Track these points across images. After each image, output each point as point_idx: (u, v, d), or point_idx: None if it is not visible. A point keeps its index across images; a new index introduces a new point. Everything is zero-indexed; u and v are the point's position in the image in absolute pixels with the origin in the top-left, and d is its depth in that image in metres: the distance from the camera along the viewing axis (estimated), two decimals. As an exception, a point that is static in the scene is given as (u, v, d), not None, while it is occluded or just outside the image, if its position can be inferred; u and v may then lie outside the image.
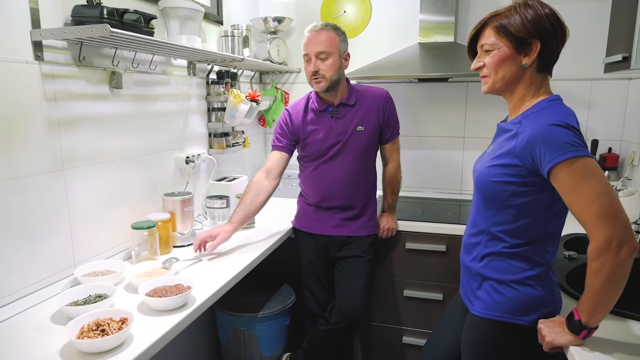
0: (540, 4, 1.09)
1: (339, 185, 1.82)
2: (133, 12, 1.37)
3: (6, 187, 1.18)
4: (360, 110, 1.81)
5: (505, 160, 1.08)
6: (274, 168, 1.83)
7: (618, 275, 0.94)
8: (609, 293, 0.95)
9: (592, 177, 0.96)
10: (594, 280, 0.96)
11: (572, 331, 1.01)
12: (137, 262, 1.53)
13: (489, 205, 1.15)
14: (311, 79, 1.74)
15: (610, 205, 0.94)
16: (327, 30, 1.71)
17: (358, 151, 1.80)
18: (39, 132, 1.27)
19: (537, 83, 1.12)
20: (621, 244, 0.92)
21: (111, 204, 1.56)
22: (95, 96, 1.47)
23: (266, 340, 1.99)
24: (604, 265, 0.93)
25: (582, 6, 2.21)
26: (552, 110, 1.05)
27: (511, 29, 1.08)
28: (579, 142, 0.98)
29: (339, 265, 1.88)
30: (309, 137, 1.82)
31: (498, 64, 1.11)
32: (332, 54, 1.70)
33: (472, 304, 1.20)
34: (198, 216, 2.07)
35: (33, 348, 1.04)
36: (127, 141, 1.63)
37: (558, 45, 1.10)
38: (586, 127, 2.29)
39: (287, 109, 1.89)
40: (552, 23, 1.07)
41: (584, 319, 0.99)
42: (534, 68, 1.11)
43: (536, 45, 1.08)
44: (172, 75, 1.88)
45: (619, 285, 0.95)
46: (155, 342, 1.07)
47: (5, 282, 1.19)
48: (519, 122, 1.09)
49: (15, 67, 1.19)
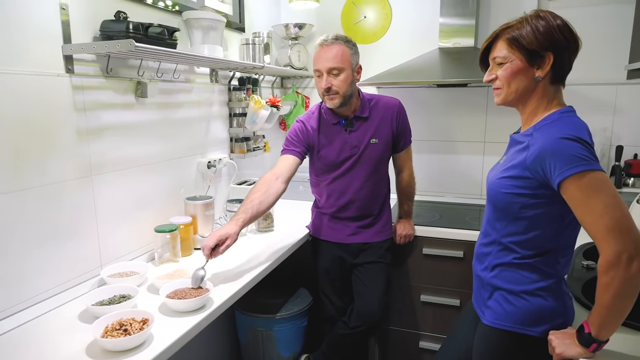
0: (552, 16, 1.09)
1: (355, 198, 1.83)
2: (157, 26, 1.44)
3: (39, 193, 1.26)
4: (374, 122, 1.80)
5: (517, 172, 1.09)
6: (285, 172, 1.72)
7: (628, 289, 0.94)
8: (619, 307, 0.95)
9: (602, 191, 0.96)
10: (604, 294, 0.96)
11: (582, 344, 1.01)
12: (160, 264, 1.60)
13: (500, 216, 1.16)
14: (324, 95, 1.71)
15: (620, 219, 0.94)
16: (338, 44, 1.67)
17: (372, 163, 1.80)
18: (69, 141, 1.34)
19: (550, 95, 1.12)
20: (631, 259, 0.92)
21: (136, 207, 1.63)
22: (121, 105, 1.54)
23: (284, 341, 2.03)
24: (614, 279, 0.93)
25: (606, 9, 2.17)
26: (563, 123, 1.05)
27: (523, 42, 1.08)
28: (589, 155, 0.98)
29: (357, 271, 1.90)
30: (322, 149, 1.81)
31: (511, 77, 1.12)
32: (344, 69, 1.67)
33: (483, 313, 1.21)
34: (219, 219, 2.13)
35: (61, 345, 1.11)
36: (151, 147, 1.70)
37: (571, 56, 1.10)
38: (611, 132, 2.25)
39: (300, 119, 1.85)
40: (564, 35, 1.07)
41: (594, 332, 0.99)
42: (547, 80, 1.11)
43: (549, 58, 1.08)
44: (195, 83, 1.95)
45: (630, 300, 0.95)
46: (174, 342, 1.13)
47: (38, 282, 1.27)
48: (530, 135, 1.10)
49: (48, 81, 1.27)
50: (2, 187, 1.16)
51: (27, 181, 1.22)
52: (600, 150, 2.23)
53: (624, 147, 2.17)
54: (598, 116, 2.26)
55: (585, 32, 2.20)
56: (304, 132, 1.81)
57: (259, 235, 1.98)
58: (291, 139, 1.81)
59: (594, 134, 2.17)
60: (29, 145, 1.22)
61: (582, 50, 1.07)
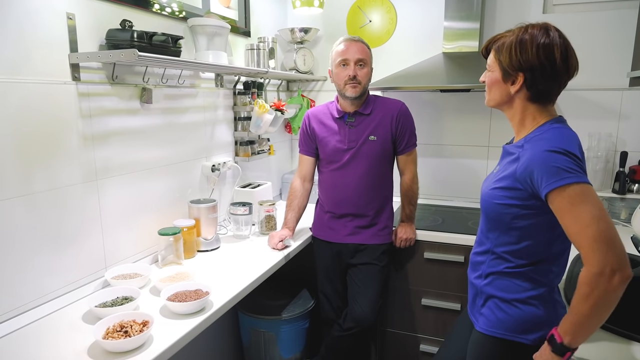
0: (538, 33, 1.06)
1: (351, 192, 1.89)
2: (161, 35, 1.47)
3: (46, 197, 1.30)
4: (374, 119, 1.87)
5: (508, 184, 1.10)
6: (308, 172, 2.01)
7: (608, 301, 0.95)
8: (596, 318, 0.96)
9: (588, 203, 0.96)
10: (583, 304, 0.96)
11: (556, 354, 1.02)
12: (163, 266, 1.64)
13: (493, 226, 1.17)
14: (347, 83, 1.81)
15: (605, 230, 0.95)
16: (362, 43, 1.85)
17: (370, 160, 1.86)
18: (75, 146, 1.39)
19: (533, 111, 1.12)
20: (614, 272, 0.93)
21: (140, 210, 1.67)
22: (126, 111, 1.58)
23: (285, 343, 2.06)
24: (595, 290, 0.94)
25: (611, 14, 2.15)
26: (551, 135, 1.06)
27: (500, 56, 1.11)
28: (576, 167, 0.99)
29: (352, 272, 1.94)
30: (323, 140, 1.92)
31: (490, 85, 1.17)
32: (367, 63, 1.84)
33: (477, 320, 1.23)
34: (223, 221, 2.17)
35: (65, 345, 1.15)
36: (156, 152, 1.74)
37: (547, 80, 1.07)
38: (616, 138, 2.23)
39: (307, 113, 2.01)
40: (540, 57, 1.05)
41: (567, 340, 1.00)
42: (524, 97, 1.11)
43: (520, 77, 1.09)
44: (200, 88, 1.99)
45: (607, 312, 0.96)
46: (173, 344, 1.16)
47: (44, 283, 1.31)
48: (521, 146, 1.11)
49: (55, 88, 1.31)
50: (10, 192, 1.20)
51: (34, 186, 1.26)
52: (605, 156, 2.22)
53: (629, 153, 2.15)
54: (603, 122, 2.25)
55: (591, 37, 2.23)
56: (307, 129, 1.98)
57: (262, 238, 2.01)
58: (302, 138, 2.01)
59: (599, 139, 2.20)
60: (36, 151, 1.26)
61: (587, 56, 1.07)
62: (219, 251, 1.86)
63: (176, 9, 1.78)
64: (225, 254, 1.83)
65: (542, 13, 2.30)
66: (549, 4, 2.31)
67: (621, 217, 2.11)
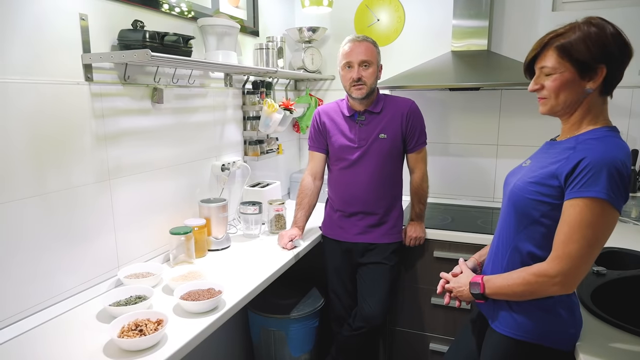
0: (604, 23, 1.04)
1: (360, 190, 1.89)
2: (172, 35, 1.48)
3: (60, 196, 1.31)
4: (385, 118, 1.87)
5: (547, 181, 1.07)
6: (319, 169, 2.01)
7: (535, 295, 1.09)
8: (517, 297, 1.12)
9: (596, 227, 0.99)
10: (519, 285, 1.09)
11: (473, 295, 1.20)
12: (175, 265, 1.65)
13: (518, 220, 1.14)
14: (352, 85, 1.81)
15: (585, 256, 1.00)
16: (367, 42, 1.82)
17: (380, 158, 1.86)
18: (88, 146, 1.40)
19: (598, 107, 1.09)
20: (561, 284, 1.02)
21: (152, 210, 1.68)
22: (138, 111, 1.59)
23: (295, 342, 2.07)
24: (535, 285, 1.06)
25: (619, 12, 2.14)
26: (613, 144, 1.03)
27: (574, 53, 1.03)
28: (622, 189, 0.98)
29: (362, 271, 1.94)
30: (333, 138, 1.92)
31: (559, 89, 1.07)
32: (373, 63, 1.82)
33: (492, 320, 1.22)
34: (233, 220, 2.17)
35: (79, 344, 1.16)
36: (167, 151, 1.75)
37: (624, 67, 1.06)
38: (627, 135, 2.22)
39: (317, 109, 2.02)
40: (618, 45, 1.03)
41: (487, 292, 1.17)
42: (597, 92, 1.07)
43: (602, 71, 1.03)
44: (210, 88, 1.99)
45: (527, 299, 1.11)
46: (187, 342, 1.17)
47: (58, 282, 1.32)
48: (573, 148, 1.06)
49: (68, 89, 1.32)
50: (24, 192, 1.21)
51: (48, 185, 1.27)
52: (615, 154, 2.20)
53: (640, 151, 2.14)
54: (613, 119, 2.15)
55: (601, 34, 2.20)
56: (318, 125, 1.98)
57: (271, 237, 2.02)
58: (312, 134, 2.01)
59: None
60: (50, 151, 1.27)
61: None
62: (230, 250, 1.87)
63: (185, 8, 1.78)
64: (235, 253, 1.83)
65: (552, 10, 2.28)
66: (558, 2, 2.29)
67: (632, 215, 2.10)
